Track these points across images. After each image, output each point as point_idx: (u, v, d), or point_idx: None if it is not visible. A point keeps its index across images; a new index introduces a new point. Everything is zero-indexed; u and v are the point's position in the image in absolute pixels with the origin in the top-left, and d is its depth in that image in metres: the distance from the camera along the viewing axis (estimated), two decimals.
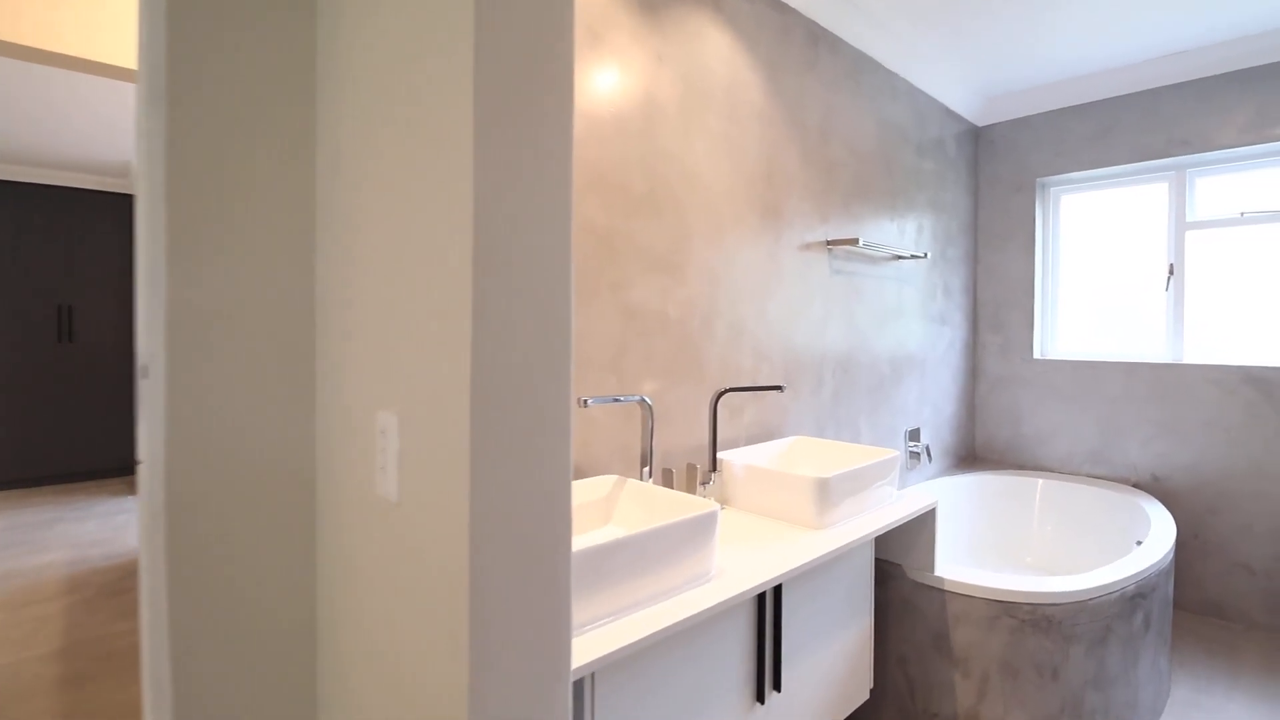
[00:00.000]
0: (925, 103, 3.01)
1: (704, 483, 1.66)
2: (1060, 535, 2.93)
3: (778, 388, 1.72)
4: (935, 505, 1.82)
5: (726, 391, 1.69)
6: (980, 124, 3.45)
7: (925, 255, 2.78)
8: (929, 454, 2.96)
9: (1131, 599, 1.88)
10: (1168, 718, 2.08)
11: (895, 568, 1.90)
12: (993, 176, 3.44)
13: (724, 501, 1.73)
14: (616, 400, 1.45)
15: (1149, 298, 3.05)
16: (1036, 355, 3.32)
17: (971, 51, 2.85)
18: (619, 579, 1.08)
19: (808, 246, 2.28)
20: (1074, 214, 3.30)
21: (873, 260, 2.65)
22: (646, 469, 1.53)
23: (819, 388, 2.36)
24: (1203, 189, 2.92)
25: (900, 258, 2.79)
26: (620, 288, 1.64)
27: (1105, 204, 3.20)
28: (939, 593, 1.81)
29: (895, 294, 2.81)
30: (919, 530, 1.85)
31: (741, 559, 1.35)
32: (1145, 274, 3.07)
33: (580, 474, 1.54)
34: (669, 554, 1.16)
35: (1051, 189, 3.34)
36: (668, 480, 1.59)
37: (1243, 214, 2.80)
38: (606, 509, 1.46)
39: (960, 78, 3.05)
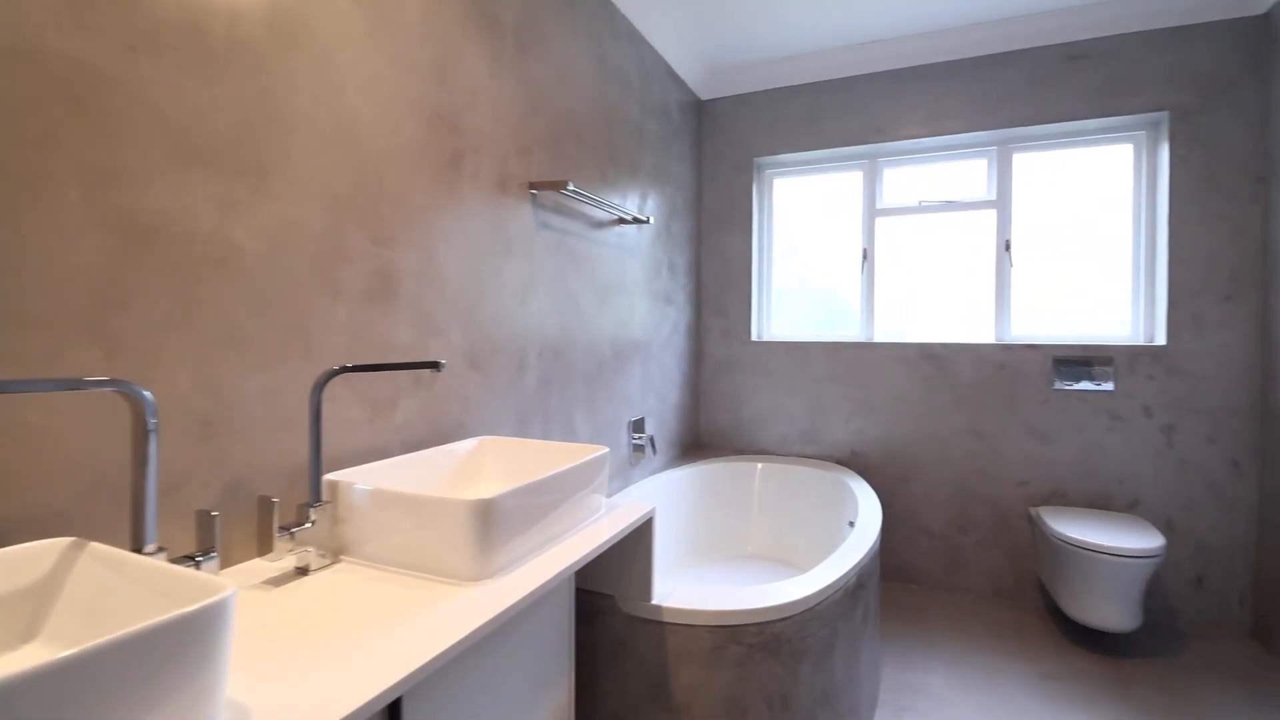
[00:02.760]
0: (651, 58, 2.70)
1: (294, 526, 1.01)
2: (779, 520, 2.87)
3: (432, 365, 1.13)
4: (652, 514, 1.41)
5: (340, 373, 1.06)
6: (704, 97, 3.30)
7: (649, 220, 2.46)
8: (653, 446, 2.66)
9: (854, 593, 1.71)
10: (883, 700, 2.01)
11: (605, 600, 1.46)
12: (715, 153, 3.31)
13: (339, 550, 1.09)
14: (71, 388, 0.72)
15: (850, 281, 3.17)
16: (755, 338, 3.27)
17: (695, 13, 2.61)
18: None
19: (502, 185, 1.74)
20: (787, 197, 3.32)
21: (592, 222, 2.22)
22: (146, 517, 0.82)
23: (520, 373, 1.84)
24: (890, 178, 3.10)
25: (624, 221, 2.42)
26: (115, 184, 0.90)
27: (814, 189, 3.26)
28: (657, 626, 1.41)
29: (618, 265, 2.43)
30: (634, 548, 1.43)
31: (312, 672, 0.74)
32: (847, 258, 3.18)
33: None
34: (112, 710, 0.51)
35: (767, 170, 3.32)
36: (206, 531, 0.90)
37: (920, 203, 3.02)
38: (36, 608, 0.73)
39: (685, 40, 2.81)
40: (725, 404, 3.29)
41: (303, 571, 1.03)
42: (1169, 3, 2.50)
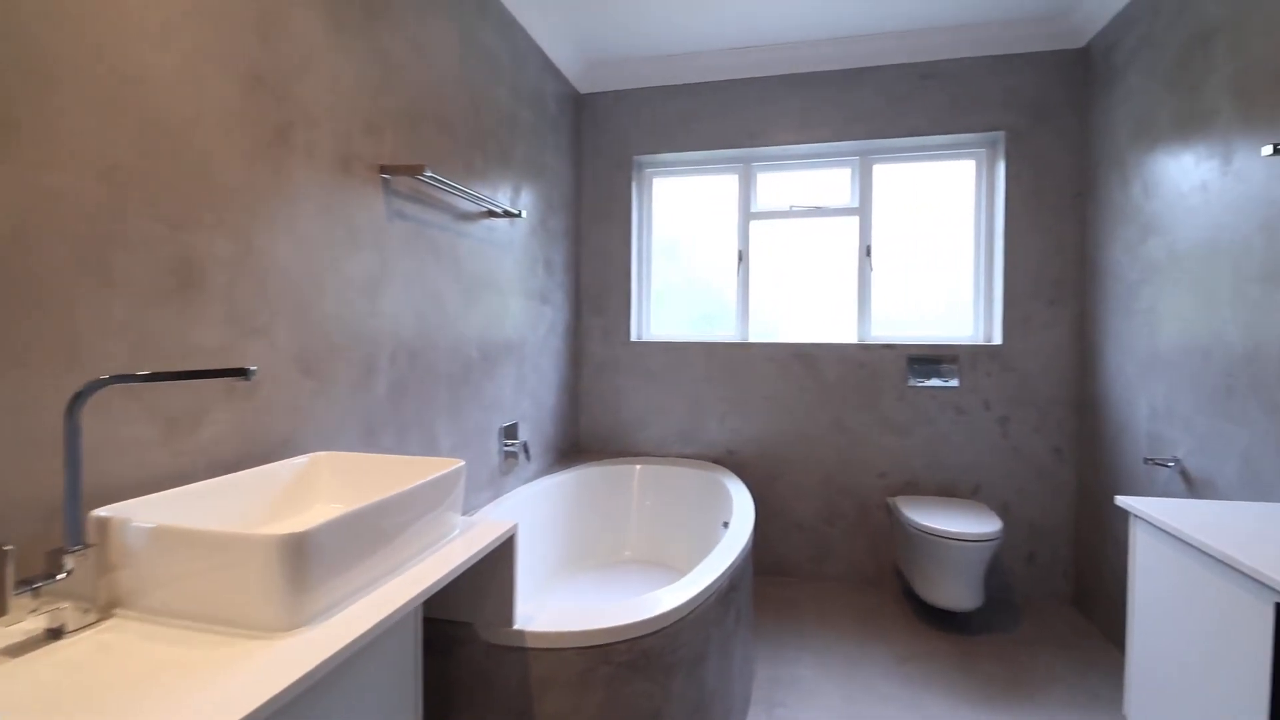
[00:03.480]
0: (525, 43, 2.56)
1: (42, 579, 0.80)
2: (657, 523, 2.84)
3: (238, 372, 0.95)
4: (514, 532, 1.30)
5: (110, 383, 0.86)
6: (583, 90, 3.21)
7: (521, 214, 2.33)
8: (527, 452, 2.54)
9: (726, 596, 1.69)
10: (756, 698, 2.02)
11: (462, 629, 1.33)
12: (595, 149, 3.23)
13: (112, 603, 0.89)
14: None
15: (727, 282, 3.21)
16: (635, 338, 3.23)
17: (570, 3, 2.51)
18: None
19: (345, 166, 1.55)
20: (666, 196, 3.31)
21: (457, 213, 2.06)
22: None
23: (368, 379, 1.65)
24: (763, 182, 3.17)
25: (494, 213, 2.27)
26: None
27: (692, 189, 3.27)
28: (520, 653, 1.30)
29: (488, 261, 2.28)
30: (493, 570, 1.31)
31: None
32: (724, 259, 3.21)
33: None
34: None
35: (646, 169, 3.29)
36: None
37: (791, 207, 3.11)
38: None
39: (561, 30, 2.70)
40: (605, 406, 3.22)
41: (55, 634, 0.82)
42: (1003, 31, 2.73)
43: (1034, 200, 2.79)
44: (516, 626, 1.30)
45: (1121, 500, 1.57)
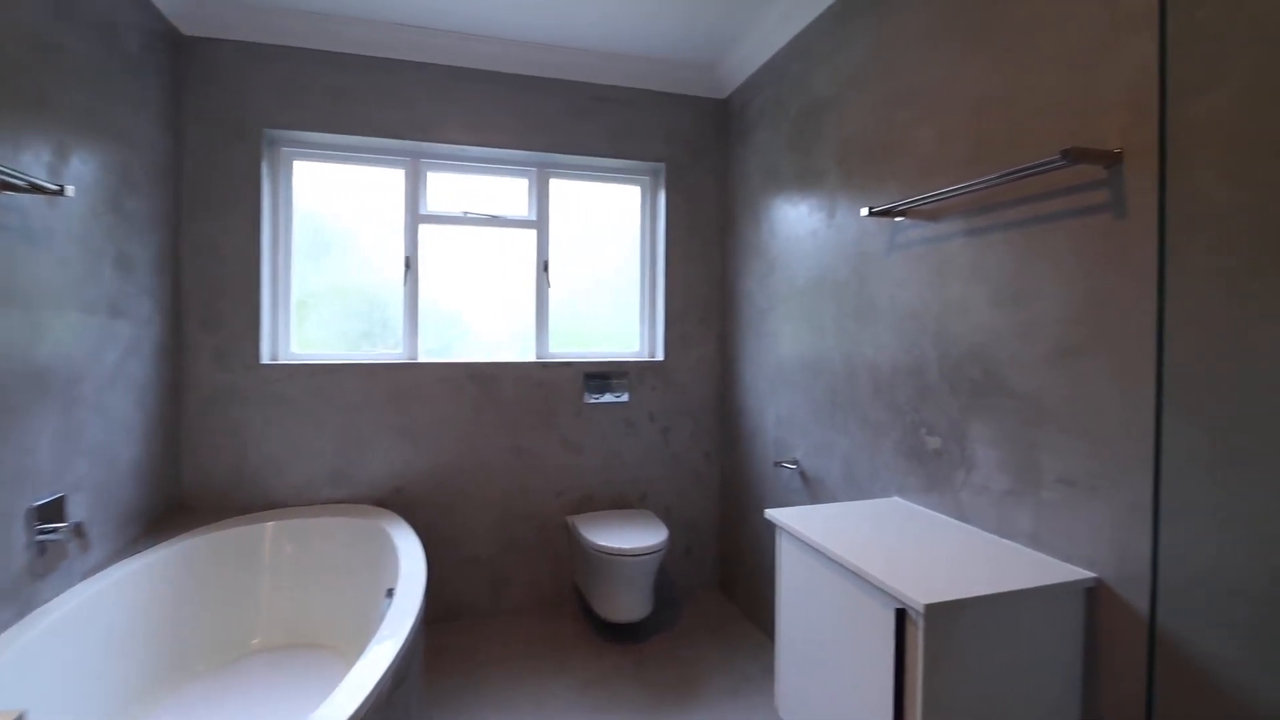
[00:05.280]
0: None
1: None
2: (300, 594, 2.29)
3: None
4: None
5: None
6: (187, 31, 2.41)
7: (62, 190, 1.59)
8: (84, 535, 1.78)
9: (391, 695, 1.37)
10: None
11: None
12: (205, 112, 2.46)
13: None
14: None
15: (392, 293, 2.78)
16: (267, 359, 2.58)
17: None
18: None
19: None
20: (314, 185, 2.71)
21: None
22: None
23: None
24: (435, 183, 2.83)
25: (9, 185, 1.50)
26: None
27: (347, 180, 2.74)
28: None
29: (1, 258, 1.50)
30: None
31: None
32: (389, 266, 2.78)
33: None
34: None
35: (283, 148, 2.65)
36: None
37: (466, 213, 2.84)
38: None
39: None
40: (222, 449, 2.50)
41: None
42: (666, 70, 2.91)
43: (689, 229, 3.05)
44: None
45: (770, 513, 1.72)
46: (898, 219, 1.83)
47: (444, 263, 2.84)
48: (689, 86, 2.99)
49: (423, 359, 2.78)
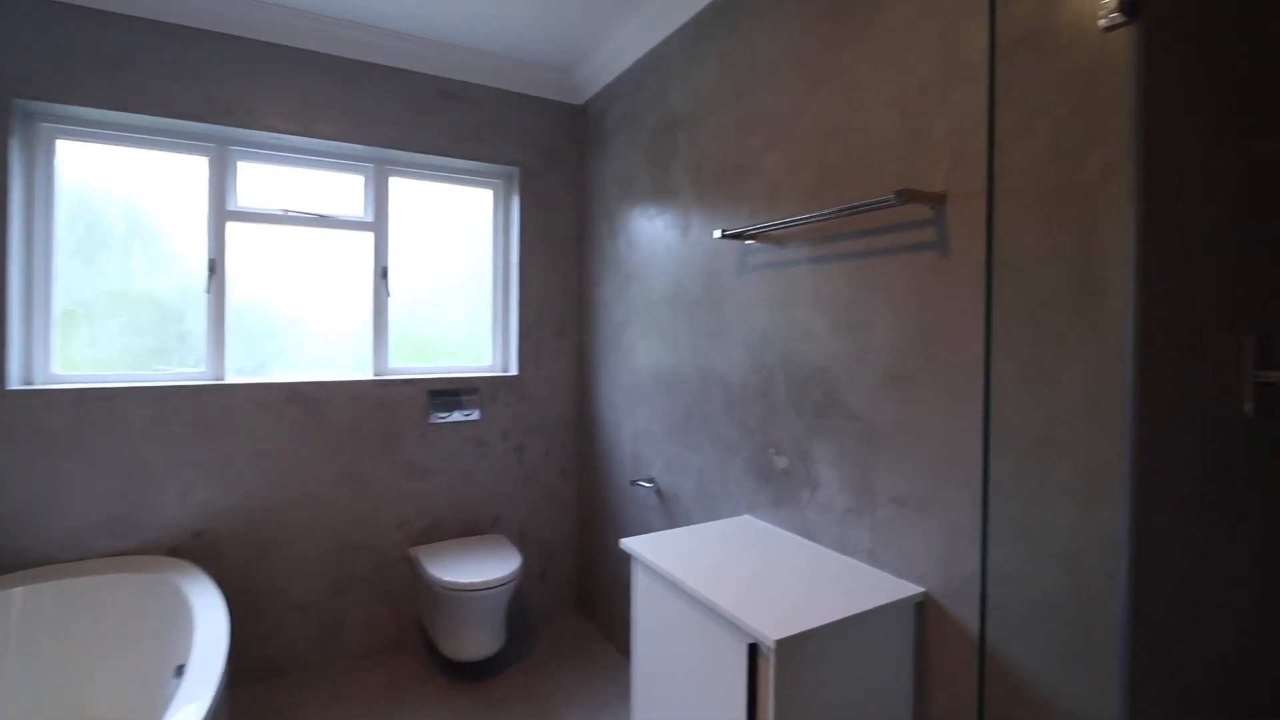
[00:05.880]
0: None
1: None
2: (60, 680, 1.85)
3: None
4: None
5: None
6: None
7: None
8: None
9: None
10: None
11: None
12: None
13: None
14: None
15: (192, 303, 2.37)
16: (18, 384, 2.08)
17: None
18: None
19: None
20: (86, 170, 2.24)
21: None
22: None
23: None
24: (247, 175, 2.46)
25: None
26: None
27: (132, 166, 2.30)
28: None
29: None
30: None
31: None
32: (187, 271, 2.36)
33: None
34: None
35: (44, 124, 2.16)
36: None
37: (287, 211, 2.50)
38: None
39: None
40: None
41: None
42: (519, 70, 2.77)
43: (545, 237, 2.94)
44: None
45: (625, 544, 1.66)
46: (748, 242, 1.86)
47: (261, 268, 2.47)
48: (544, 89, 2.87)
49: (232, 379, 2.40)
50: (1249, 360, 1.18)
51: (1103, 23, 0.99)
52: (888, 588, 1.36)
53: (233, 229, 2.41)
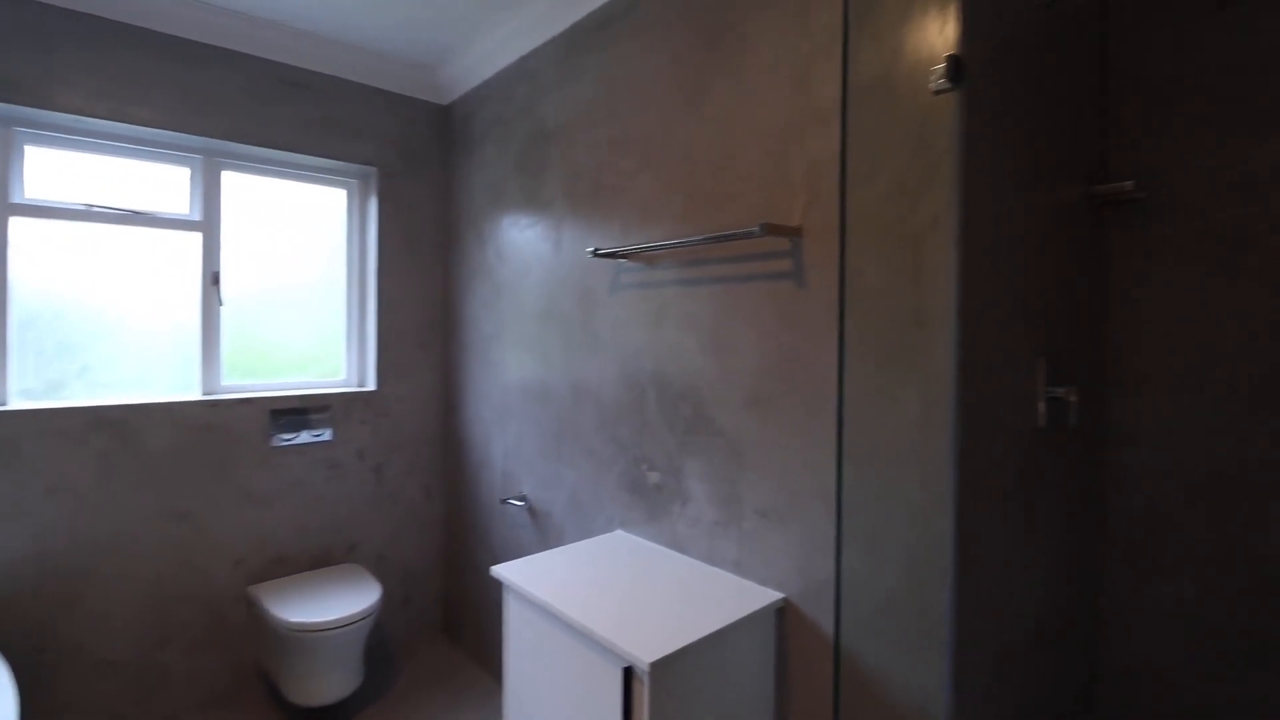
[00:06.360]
0: None
1: None
2: None
3: None
4: None
5: None
6: None
7: None
8: None
9: None
10: None
11: None
12: None
13: None
14: None
15: None
16: None
17: None
18: None
19: None
20: None
21: None
22: None
23: None
24: (39, 161, 2.08)
25: None
26: None
27: None
28: None
29: None
30: None
31: None
32: None
33: None
34: None
35: None
36: None
37: (91, 206, 2.15)
38: None
39: None
40: None
41: None
42: (377, 63, 2.59)
43: (407, 244, 2.78)
44: None
45: (496, 570, 1.61)
46: (621, 260, 1.88)
47: (59, 271, 2.11)
48: (405, 85, 2.72)
49: (16, 404, 2.02)
50: (1041, 379, 1.39)
51: (932, 86, 1.12)
52: (753, 596, 1.43)
53: (18, 224, 2.03)
